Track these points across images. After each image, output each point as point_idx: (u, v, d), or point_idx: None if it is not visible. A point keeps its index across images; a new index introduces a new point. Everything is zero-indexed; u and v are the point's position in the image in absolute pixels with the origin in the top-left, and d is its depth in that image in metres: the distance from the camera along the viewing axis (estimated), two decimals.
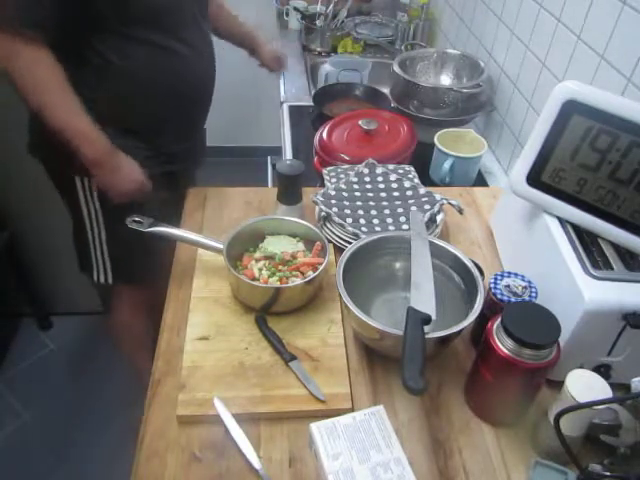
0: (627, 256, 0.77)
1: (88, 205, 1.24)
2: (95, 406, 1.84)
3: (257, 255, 0.93)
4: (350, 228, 0.98)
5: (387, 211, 1.03)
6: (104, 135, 1.07)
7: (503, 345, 0.68)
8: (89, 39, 1.05)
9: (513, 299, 0.79)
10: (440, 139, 1.30)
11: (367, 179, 1.10)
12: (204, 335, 0.85)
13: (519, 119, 1.35)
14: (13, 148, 1.64)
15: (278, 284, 0.87)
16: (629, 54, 0.94)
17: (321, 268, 0.87)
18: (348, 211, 1.02)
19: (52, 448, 1.72)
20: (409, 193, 1.07)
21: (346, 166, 1.15)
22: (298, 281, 0.87)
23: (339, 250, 0.97)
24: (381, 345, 0.81)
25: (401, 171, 1.14)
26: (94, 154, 1.07)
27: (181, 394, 0.77)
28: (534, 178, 0.83)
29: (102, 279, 1.36)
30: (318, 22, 2.05)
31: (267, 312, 0.88)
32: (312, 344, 0.85)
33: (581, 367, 0.68)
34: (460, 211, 1.04)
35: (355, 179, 1.09)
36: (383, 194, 1.07)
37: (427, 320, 0.72)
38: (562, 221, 0.83)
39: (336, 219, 1.00)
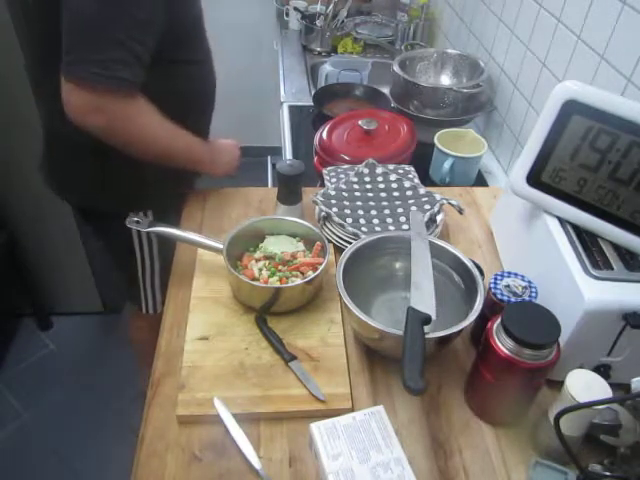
0: (627, 256, 0.77)
1: (141, 241, 1.23)
2: (95, 406, 1.84)
3: (257, 255, 0.93)
4: (350, 228, 0.98)
5: (387, 211, 1.03)
6: (200, 139, 1.09)
7: (503, 345, 0.68)
8: None
9: (513, 299, 0.79)
10: (440, 139, 1.30)
11: (367, 179, 1.10)
12: (204, 335, 0.85)
13: (519, 119, 1.35)
14: (13, 148, 1.65)
15: (278, 284, 0.87)
16: (629, 54, 0.94)
17: (321, 268, 0.87)
18: (348, 211, 1.02)
19: (52, 448, 1.72)
20: (409, 193, 1.07)
21: (346, 166, 1.15)
22: (298, 281, 0.87)
23: (339, 250, 0.97)
24: (381, 345, 0.81)
25: (401, 171, 1.14)
26: (210, 163, 1.14)
27: (181, 394, 0.77)
28: (534, 178, 0.83)
29: (151, 310, 1.36)
30: (318, 22, 2.04)
31: (267, 312, 0.88)
32: (312, 344, 0.85)
33: (581, 367, 0.68)
34: (460, 211, 1.04)
35: (355, 179, 1.09)
36: (383, 194, 1.07)
37: (427, 320, 0.72)
38: (562, 221, 0.83)
39: (336, 219, 1.00)
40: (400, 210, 1.03)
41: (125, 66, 0.88)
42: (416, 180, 1.12)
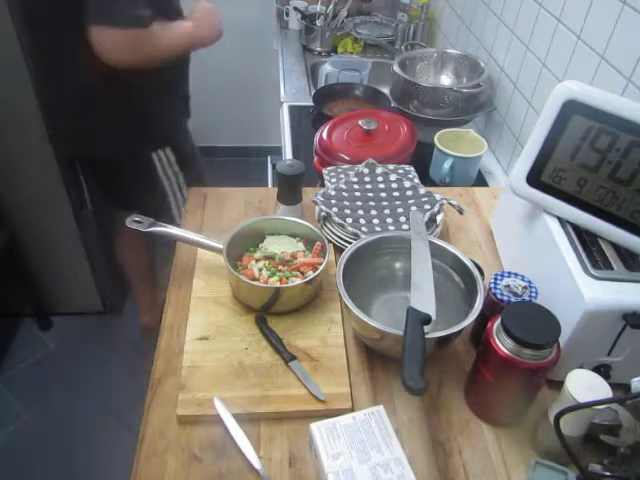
0: (627, 256, 0.77)
1: (167, 174, 1.47)
2: (95, 406, 1.84)
3: (257, 255, 0.93)
4: (350, 228, 0.98)
5: (387, 211, 1.03)
6: (187, 26, 1.28)
7: (503, 345, 0.68)
8: None
9: (513, 299, 0.79)
10: (440, 139, 1.30)
11: (367, 179, 1.10)
12: (204, 335, 0.85)
13: (519, 119, 1.35)
14: (13, 149, 1.64)
15: (278, 284, 0.87)
16: (629, 54, 0.94)
17: (321, 268, 0.87)
18: (348, 211, 1.02)
19: (52, 448, 1.72)
20: (409, 193, 1.07)
21: (346, 166, 1.15)
22: (298, 281, 0.87)
23: (339, 250, 0.97)
24: (381, 345, 0.81)
25: (401, 171, 1.14)
26: (202, 32, 1.31)
27: (181, 394, 0.77)
28: (534, 178, 0.83)
29: (178, 220, 1.52)
30: (318, 22, 2.05)
31: (267, 312, 0.88)
32: (312, 344, 0.85)
33: (581, 367, 0.69)
34: (460, 211, 1.04)
35: (355, 179, 1.09)
36: (383, 194, 1.07)
37: (427, 320, 0.72)
38: (562, 221, 0.83)
39: (336, 219, 1.00)
40: (400, 210, 1.03)
41: (142, 6, 1.10)
42: (416, 180, 1.12)
